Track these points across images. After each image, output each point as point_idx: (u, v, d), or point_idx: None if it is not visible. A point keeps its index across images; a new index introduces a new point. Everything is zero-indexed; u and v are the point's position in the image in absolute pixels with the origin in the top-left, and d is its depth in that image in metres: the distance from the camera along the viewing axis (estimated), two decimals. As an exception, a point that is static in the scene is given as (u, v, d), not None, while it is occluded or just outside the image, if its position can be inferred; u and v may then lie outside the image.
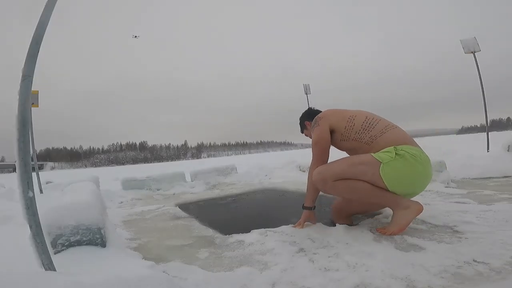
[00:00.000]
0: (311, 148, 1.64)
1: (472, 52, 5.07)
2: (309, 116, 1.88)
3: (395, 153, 1.40)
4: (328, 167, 1.51)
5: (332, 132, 1.63)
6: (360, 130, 1.56)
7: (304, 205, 1.65)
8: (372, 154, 1.45)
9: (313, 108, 1.94)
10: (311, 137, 1.88)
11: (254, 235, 1.56)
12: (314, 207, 1.65)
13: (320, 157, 1.59)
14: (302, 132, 1.97)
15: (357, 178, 1.42)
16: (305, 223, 1.64)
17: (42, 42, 0.87)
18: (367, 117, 1.58)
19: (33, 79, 0.85)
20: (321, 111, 1.87)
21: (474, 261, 1.04)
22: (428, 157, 1.50)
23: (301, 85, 7.63)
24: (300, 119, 1.94)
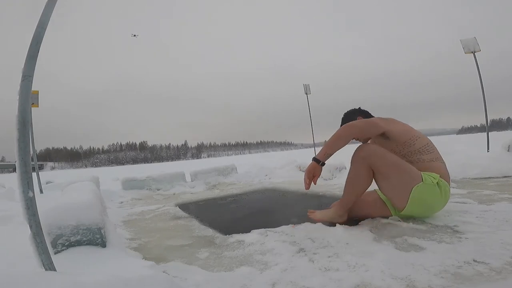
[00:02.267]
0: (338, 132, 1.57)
1: (472, 52, 5.07)
2: (361, 113, 1.88)
3: (437, 182, 1.48)
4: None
5: (386, 138, 1.63)
6: (414, 151, 1.59)
7: (316, 156, 1.56)
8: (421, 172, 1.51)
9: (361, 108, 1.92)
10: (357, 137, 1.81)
11: (254, 235, 1.56)
12: (324, 164, 1.58)
13: (364, 127, 1.58)
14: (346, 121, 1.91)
15: (399, 167, 1.50)
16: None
17: (42, 42, 0.87)
18: (428, 143, 1.61)
19: (33, 78, 0.85)
20: (369, 113, 1.88)
21: (474, 261, 1.04)
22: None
23: (301, 85, 7.64)
24: (348, 113, 1.89)
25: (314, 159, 1.57)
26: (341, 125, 1.88)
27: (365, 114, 1.87)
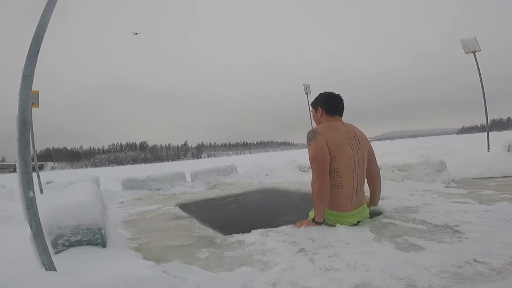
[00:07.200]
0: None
1: (472, 52, 5.07)
2: (325, 103, 1.78)
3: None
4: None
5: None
6: (330, 172, 1.60)
7: (316, 220, 1.62)
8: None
9: (334, 94, 1.80)
10: (314, 119, 1.86)
11: (254, 235, 1.56)
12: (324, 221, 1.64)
13: (320, 171, 1.58)
14: (311, 105, 1.88)
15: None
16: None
17: (42, 42, 0.87)
18: (337, 168, 1.61)
19: (34, 78, 0.85)
20: (339, 100, 1.78)
21: (475, 261, 1.04)
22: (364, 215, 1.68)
23: (301, 85, 7.65)
24: (315, 98, 1.85)
25: (316, 222, 1.61)
26: (311, 104, 1.91)
27: (326, 107, 1.77)
